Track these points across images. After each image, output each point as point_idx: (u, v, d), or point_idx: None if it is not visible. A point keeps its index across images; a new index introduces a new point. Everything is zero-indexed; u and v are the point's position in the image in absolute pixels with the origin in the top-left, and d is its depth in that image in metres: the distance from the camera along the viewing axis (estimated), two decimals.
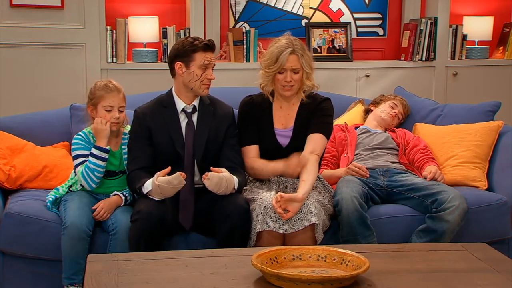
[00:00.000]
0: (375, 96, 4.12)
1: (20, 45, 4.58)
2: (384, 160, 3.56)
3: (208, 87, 3.19)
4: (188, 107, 3.21)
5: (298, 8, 5.31)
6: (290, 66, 3.17)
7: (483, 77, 5.33)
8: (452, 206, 3.19)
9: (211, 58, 3.16)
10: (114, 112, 3.19)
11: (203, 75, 3.14)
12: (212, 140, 3.20)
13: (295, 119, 3.30)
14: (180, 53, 3.16)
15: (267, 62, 3.21)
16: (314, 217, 2.99)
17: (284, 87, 3.22)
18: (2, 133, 3.56)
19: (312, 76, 3.26)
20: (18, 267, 3.18)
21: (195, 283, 2.32)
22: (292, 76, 3.19)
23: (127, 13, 4.94)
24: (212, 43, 3.19)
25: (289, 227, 2.98)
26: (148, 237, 2.92)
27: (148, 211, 2.94)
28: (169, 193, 2.99)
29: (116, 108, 3.20)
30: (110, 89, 3.20)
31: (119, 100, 3.21)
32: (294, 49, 3.18)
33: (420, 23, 5.21)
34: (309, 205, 3.02)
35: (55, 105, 4.15)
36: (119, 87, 3.24)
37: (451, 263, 2.56)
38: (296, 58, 3.18)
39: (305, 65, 3.20)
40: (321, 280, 2.23)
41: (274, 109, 3.33)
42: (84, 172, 3.14)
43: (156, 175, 3.00)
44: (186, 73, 3.15)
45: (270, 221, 2.98)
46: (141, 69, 4.82)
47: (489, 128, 3.75)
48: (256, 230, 2.99)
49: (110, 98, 3.19)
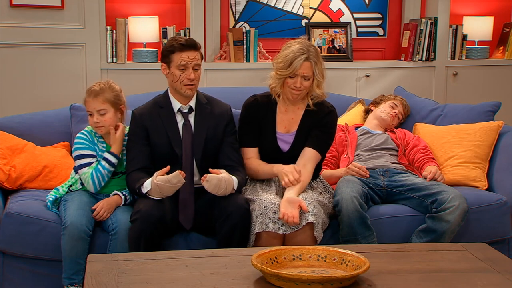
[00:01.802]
0: (375, 96, 4.13)
1: (20, 45, 4.59)
2: (384, 161, 3.57)
3: (190, 88, 3.15)
4: (184, 107, 3.21)
5: (298, 8, 5.31)
6: (302, 73, 3.15)
7: (483, 77, 5.33)
8: (452, 206, 3.19)
9: (189, 58, 3.10)
10: (93, 116, 3.17)
11: (182, 75, 3.11)
12: (210, 139, 3.20)
13: (299, 124, 3.29)
14: (163, 54, 3.18)
15: (280, 65, 3.17)
16: (311, 216, 2.99)
17: (293, 91, 3.20)
18: (2, 133, 3.56)
19: (323, 85, 3.24)
20: (18, 267, 3.17)
21: (195, 283, 2.32)
22: (302, 83, 3.17)
23: (127, 13, 4.94)
24: (190, 41, 3.13)
25: (288, 228, 2.98)
26: (148, 236, 2.92)
27: (148, 210, 2.94)
28: (168, 192, 2.99)
29: (94, 112, 3.17)
30: (88, 94, 3.18)
31: (96, 104, 3.16)
32: (309, 56, 3.15)
33: (420, 23, 5.21)
34: (307, 204, 3.02)
35: (55, 105, 4.15)
36: (100, 90, 3.16)
37: (451, 263, 2.56)
38: (309, 65, 3.16)
39: (317, 73, 3.18)
40: (321, 280, 2.23)
41: (279, 112, 3.32)
42: (94, 175, 3.13)
43: (155, 174, 3.00)
44: (169, 74, 3.16)
45: (269, 222, 2.98)
46: (141, 69, 4.82)
47: (489, 128, 3.75)
48: (255, 231, 2.99)
49: (88, 103, 3.18)
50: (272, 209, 3.00)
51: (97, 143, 3.22)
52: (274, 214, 2.99)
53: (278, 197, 3.11)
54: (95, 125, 3.18)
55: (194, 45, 3.13)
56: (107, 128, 3.18)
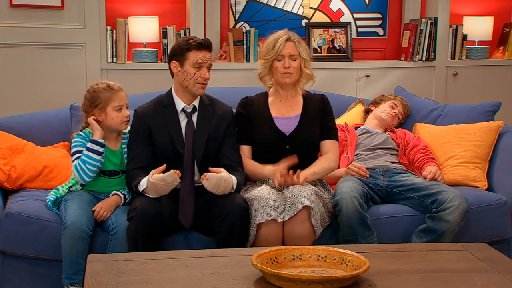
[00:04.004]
0: (375, 96, 4.12)
1: (20, 45, 4.59)
2: (384, 161, 3.56)
3: (203, 87, 3.19)
4: (188, 107, 3.22)
5: (298, 8, 5.31)
6: (288, 53, 3.24)
7: (483, 77, 5.33)
8: (452, 206, 3.19)
9: (205, 57, 3.15)
10: (125, 110, 3.20)
11: (197, 73, 3.14)
12: (211, 140, 3.21)
13: (302, 107, 3.34)
14: (176, 52, 3.18)
15: (264, 50, 3.30)
16: (307, 200, 2.99)
17: (283, 74, 3.26)
18: (2, 133, 3.56)
19: (310, 66, 3.31)
20: (18, 267, 3.17)
21: (195, 283, 2.32)
22: (291, 63, 3.24)
23: (127, 13, 4.94)
24: (207, 42, 3.18)
25: (286, 214, 2.99)
26: (145, 234, 2.93)
27: (144, 208, 2.95)
28: (163, 191, 3.00)
29: (124, 106, 3.21)
30: (115, 89, 3.19)
31: (125, 98, 3.22)
32: (290, 37, 3.27)
33: (420, 23, 5.21)
34: (302, 190, 3.03)
35: (55, 105, 4.15)
36: (121, 86, 3.24)
37: (451, 263, 2.56)
38: (293, 45, 3.26)
39: (302, 52, 3.27)
40: (321, 280, 2.23)
41: (273, 102, 3.37)
42: (77, 164, 3.13)
43: (151, 173, 3.01)
44: (181, 72, 3.16)
45: (271, 210, 2.99)
46: (141, 69, 4.82)
47: (489, 128, 3.75)
48: (256, 222, 2.99)
49: (118, 98, 3.18)
50: (271, 198, 3.01)
51: None
52: (274, 202, 3.00)
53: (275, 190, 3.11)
54: (126, 119, 3.21)
55: (210, 46, 3.19)
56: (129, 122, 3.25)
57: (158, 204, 3.01)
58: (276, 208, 3.00)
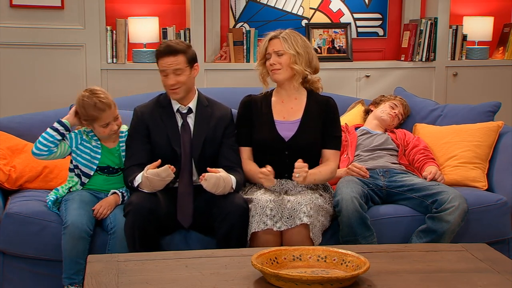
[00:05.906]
0: (375, 96, 4.12)
1: (20, 45, 4.59)
2: (384, 161, 3.56)
3: (173, 92, 3.17)
4: (183, 108, 3.23)
5: (298, 9, 5.31)
6: (273, 49, 3.26)
7: (483, 77, 5.34)
8: (452, 207, 3.19)
9: (166, 64, 3.13)
10: (112, 125, 3.19)
11: (164, 81, 3.19)
12: (209, 141, 3.21)
13: (303, 111, 3.31)
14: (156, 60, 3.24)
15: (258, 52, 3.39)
16: (306, 218, 2.98)
17: (272, 71, 3.28)
18: (2, 133, 3.56)
19: (302, 61, 3.26)
20: (18, 267, 3.18)
21: (195, 283, 2.32)
22: (276, 59, 3.25)
23: (127, 13, 4.94)
24: (167, 48, 3.14)
25: (282, 224, 2.99)
26: (141, 227, 2.93)
27: (139, 203, 2.96)
28: (158, 186, 3.01)
29: (112, 121, 3.19)
30: (101, 109, 3.13)
31: (112, 114, 3.18)
32: (277, 34, 3.28)
33: (420, 24, 5.21)
34: (303, 205, 3.02)
35: (55, 105, 4.15)
36: (109, 101, 3.16)
37: (451, 263, 2.56)
38: (278, 41, 3.26)
39: (287, 48, 3.24)
40: (321, 280, 2.23)
41: (275, 103, 3.35)
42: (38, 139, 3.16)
43: (146, 168, 3.02)
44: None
45: (267, 219, 2.98)
46: (141, 70, 4.82)
47: (489, 128, 3.75)
48: (251, 230, 2.99)
49: (104, 117, 3.15)
50: (268, 207, 3.00)
51: (90, 140, 3.23)
52: (271, 211, 3.00)
53: (274, 196, 3.11)
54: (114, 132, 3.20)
55: (171, 51, 3.13)
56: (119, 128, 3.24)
57: (154, 199, 3.02)
58: (273, 217, 2.99)
